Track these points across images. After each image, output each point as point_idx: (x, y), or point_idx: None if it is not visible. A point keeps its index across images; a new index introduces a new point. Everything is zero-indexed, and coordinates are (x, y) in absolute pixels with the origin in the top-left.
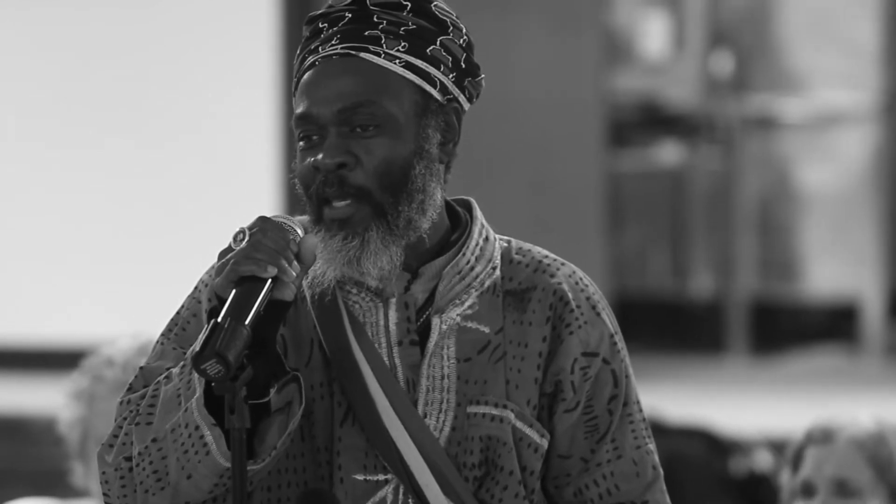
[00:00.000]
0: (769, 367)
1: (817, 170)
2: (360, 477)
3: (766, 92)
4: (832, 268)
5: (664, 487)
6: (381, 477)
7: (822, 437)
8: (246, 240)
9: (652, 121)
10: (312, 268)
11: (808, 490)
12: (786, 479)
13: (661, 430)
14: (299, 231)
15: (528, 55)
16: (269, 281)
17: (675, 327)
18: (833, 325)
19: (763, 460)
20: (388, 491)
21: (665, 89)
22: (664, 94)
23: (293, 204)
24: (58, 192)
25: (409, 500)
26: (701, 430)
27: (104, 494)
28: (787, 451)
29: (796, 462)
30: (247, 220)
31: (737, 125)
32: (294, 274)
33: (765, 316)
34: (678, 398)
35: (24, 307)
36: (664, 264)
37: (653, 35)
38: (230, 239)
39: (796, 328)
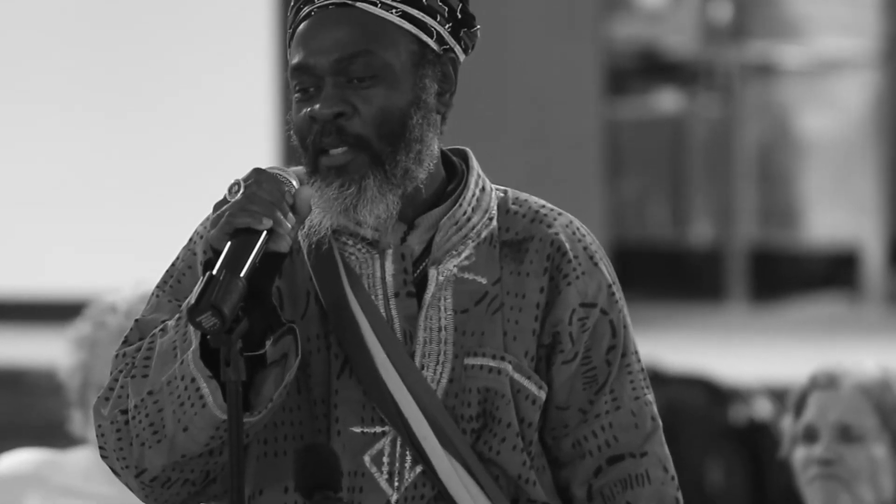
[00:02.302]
0: (769, 315)
1: (817, 117)
2: (357, 429)
3: (765, 39)
4: (832, 215)
5: (663, 439)
6: (379, 429)
7: (826, 382)
8: (241, 192)
9: (651, 69)
10: (308, 217)
11: (810, 435)
12: (787, 425)
13: (661, 379)
14: (294, 182)
15: (526, 4)
16: (265, 233)
17: (674, 276)
18: (833, 273)
19: (763, 408)
20: (385, 443)
21: (664, 37)
22: (663, 42)
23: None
24: (59, 142)
25: (407, 453)
26: (700, 379)
27: (100, 448)
28: (790, 397)
29: (799, 407)
30: (243, 172)
31: (736, 72)
32: (289, 226)
33: (765, 264)
34: (678, 347)
35: (23, 258)
36: (663, 213)
37: None
38: (225, 191)
39: (796, 276)
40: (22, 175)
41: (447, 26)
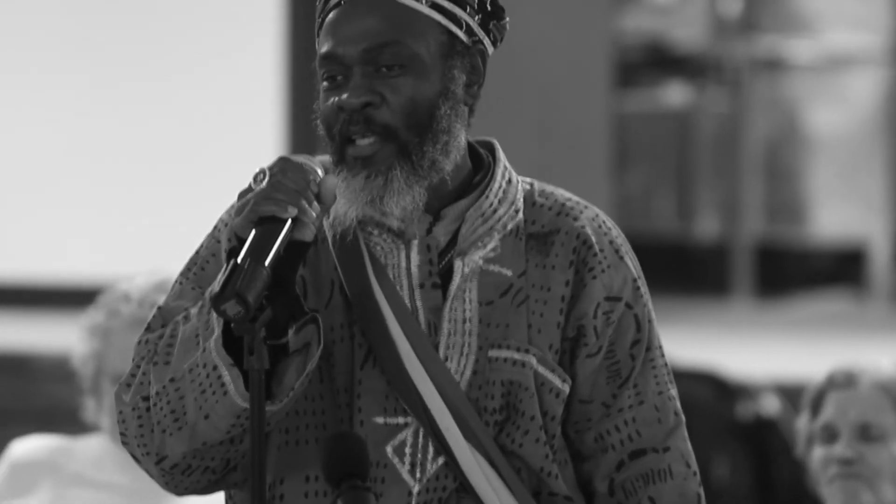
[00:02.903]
0: (775, 310)
1: (825, 112)
2: (379, 420)
3: (774, 33)
4: (839, 211)
5: (686, 434)
6: (401, 420)
7: (844, 381)
8: (266, 180)
9: (659, 62)
10: (334, 207)
11: (829, 434)
12: (803, 424)
13: (672, 373)
14: (320, 171)
15: None
16: (289, 221)
17: (680, 270)
18: (840, 269)
19: (770, 404)
20: (407, 434)
21: (673, 30)
22: (672, 35)
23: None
24: (72, 130)
25: (429, 444)
26: (707, 374)
27: (121, 434)
28: (806, 396)
29: (816, 407)
30: (257, 164)
31: (745, 67)
32: (314, 214)
33: (771, 259)
34: (683, 341)
35: (33, 244)
36: (670, 206)
37: None
38: (250, 179)
39: (803, 272)
40: (35, 159)
41: (476, 18)
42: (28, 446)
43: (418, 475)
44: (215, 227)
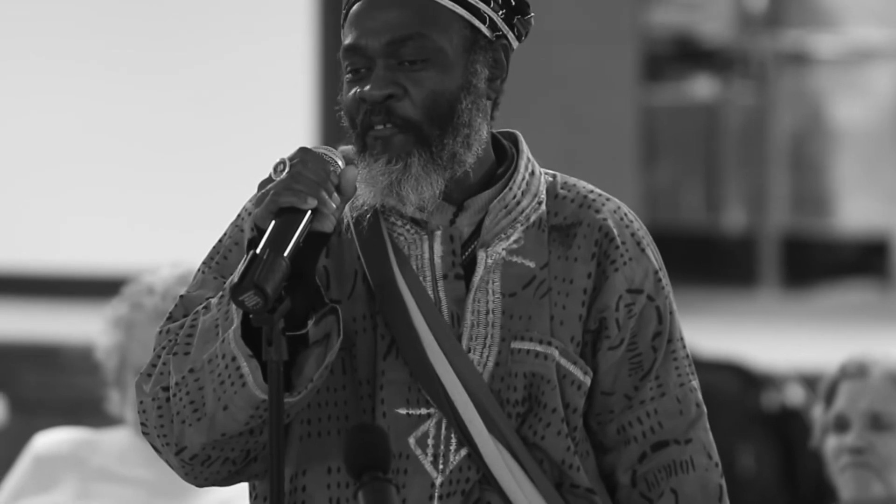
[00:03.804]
0: (801, 301)
1: (850, 106)
2: (402, 411)
3: (800, 27)
4: (864, 203)
5: (707, 425)
6: (424, 411)
7: (856, 371)
8: (286, 171)
9: (686, 55)
10: (354, 196)
11: (841, 424)
12: (818, 414)
13: (693, 364)
14: (340, 163)
15: None
16: (309, 212)
17: (707, 262)
18: (864, 261)
19: (795, 395)
20: (430, 425)
21: (700, 24)
22: (699, 29)
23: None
24: (98, 123)
25: (452, 435)
26: (733, 365)
27: (142, 424)
28: (821, 386)
29: (829, 396)
30: (286, 151)
31: (771, 60)
32: (334, 206)
33: (797, 251)
34: (710, 332)
35: (59, 235)
36: (697, 199)
37: None
38: (270, 170)
39: (828, 263)
40: (59, 152)
41: (500, 13)
42: (52, 439)
43: (441, 466)
44: (238, 216)
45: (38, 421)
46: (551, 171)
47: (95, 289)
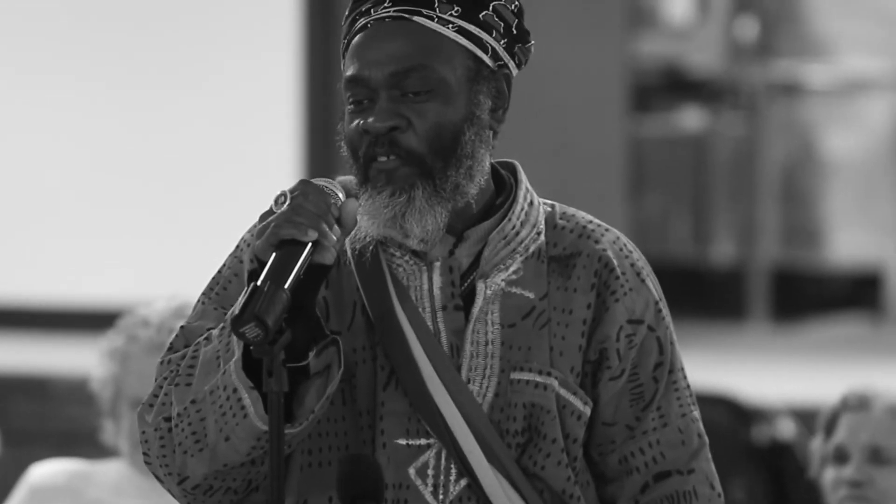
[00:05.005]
0: (791, 334)
1: (841, 137)
2: (402, 442)
3: (790, 58)
4: (855, 236)
5: (709, 455)
6: (424, 441)
7: (858, 403)
8: (287, 203)
9: (675, 86)
10: (356, 227)
11: (841, 456)
12: (817, 445)
13: (694, 395)
14: (341, 195)
15: (551, 19)
16: (310, 245)
17: (696, 294)
18: (855, 294)
19: (785, 428)
20: (430, 455)
21: (689, 54)
22: (688, 60)
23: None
24: (90, 149)
25: (452, 466)
26: (723, 398)
27: (144, 454)
28: (821, 418)
29: (830, 428)
30: (275, 182)
31: (761, 91)
32: (335, 238)
33: (787, 283)
34: (699, 365)
35: (52, 267)
36: (686, 230)
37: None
38: (271, 202)
39: (818, 296)
40: (52, 182)
41: (502, 42)
42: (47, 471)
43: (441, 497)
44: (237, 247)
45: (31, 452)
46: (550, 202)
47: (87, 321)
